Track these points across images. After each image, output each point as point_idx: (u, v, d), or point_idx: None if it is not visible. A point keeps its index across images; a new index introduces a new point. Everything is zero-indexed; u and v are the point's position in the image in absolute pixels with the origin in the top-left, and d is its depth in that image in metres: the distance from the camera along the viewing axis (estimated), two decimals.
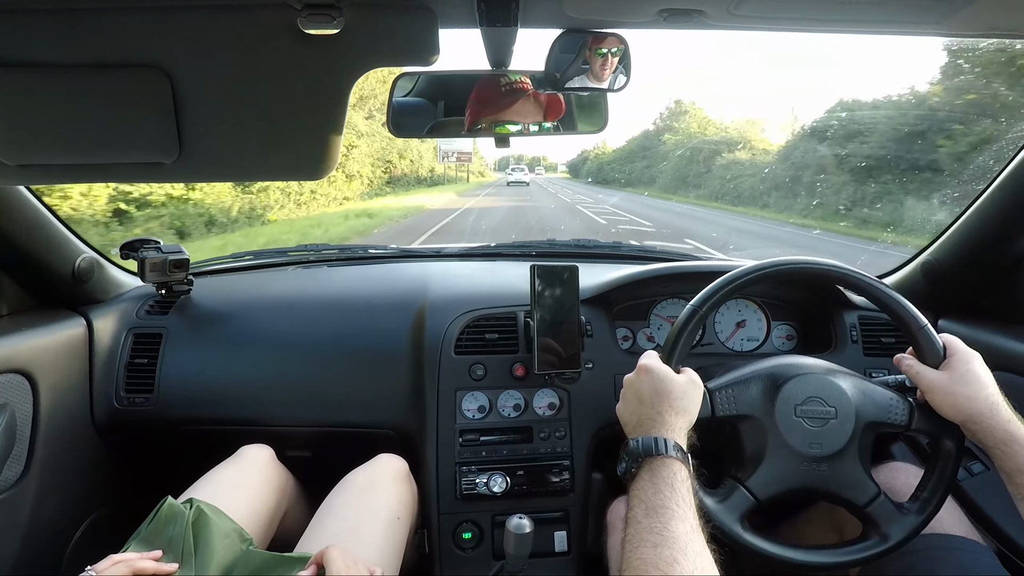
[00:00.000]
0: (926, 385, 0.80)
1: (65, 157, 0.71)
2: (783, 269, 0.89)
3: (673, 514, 0.64)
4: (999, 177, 1.06)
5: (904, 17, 0.67)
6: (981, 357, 0.80)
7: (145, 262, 1.20)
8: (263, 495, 0.99)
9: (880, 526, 0.82)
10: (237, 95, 0.69)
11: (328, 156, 0.73)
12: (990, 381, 0.77)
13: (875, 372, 1.14)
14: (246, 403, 1.21)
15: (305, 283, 1.44)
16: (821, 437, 0.82)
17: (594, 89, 0.83)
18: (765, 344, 1.29)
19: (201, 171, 0.76)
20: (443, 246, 1.69)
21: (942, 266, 1.21)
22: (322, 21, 0.64)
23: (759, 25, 0.72)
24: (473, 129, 0.90)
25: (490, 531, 1.10)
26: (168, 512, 0.84)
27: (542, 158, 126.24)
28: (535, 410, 1.14)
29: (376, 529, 0.92)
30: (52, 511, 1.10)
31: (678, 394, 0.78)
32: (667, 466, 0.69)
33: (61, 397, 1.11)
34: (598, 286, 1.21)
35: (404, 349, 1.20)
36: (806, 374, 0.85)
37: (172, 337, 1.23)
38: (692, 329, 0.86)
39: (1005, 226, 1.09)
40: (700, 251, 4.17)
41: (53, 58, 0.65)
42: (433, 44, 0.69)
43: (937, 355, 0.81)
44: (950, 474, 0.82)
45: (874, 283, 0.87)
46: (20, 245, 1.05)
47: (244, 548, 0.85)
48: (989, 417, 0.74)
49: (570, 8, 0.68)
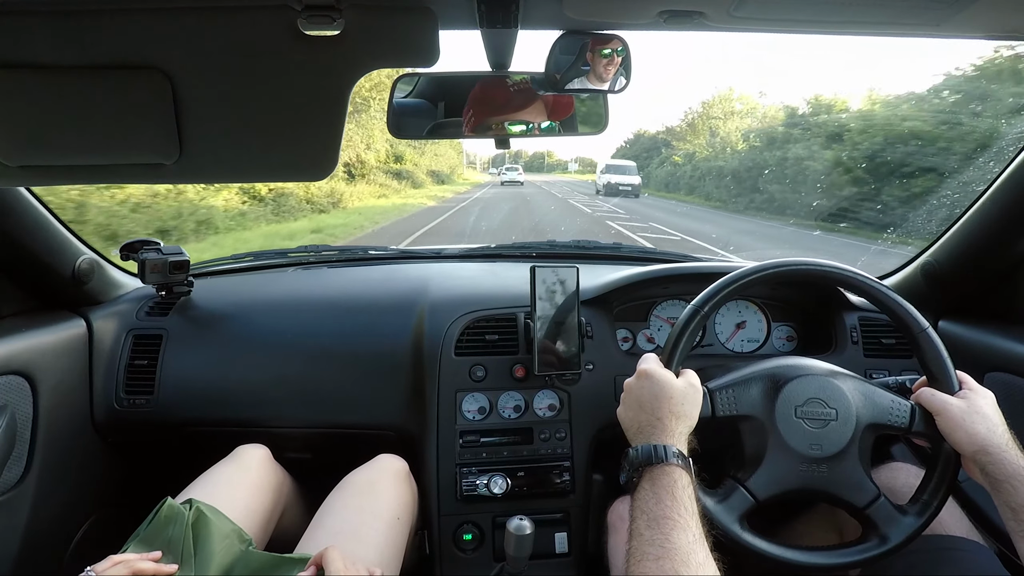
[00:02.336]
0: (943, 410, 0.80)
1: (65, 158, 0.71)
2: (783, 270, 0.89)
3: (675, 524, 0.64)
4: (999, 178, 1.06)
5: (903, 19, 0.67)
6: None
7: (145, 263, 1.20)
8: (259, 495, 0.99)
9: (880, 528, 0.81)
10: (237, 96, 0.69)
11: (328, 157, 0.73)
12: (1002, 419, 0.78)
13: (875, 373, 1.14)
14: (246, 404, 1.21)
15: (305, 284, 1.44)
16: (821, 438, 0.82)
17: (594, 90, 0.83)
18: (765, 345, 1.29)
19: (201, 172, 0.76)
20: (443, 247, 1.68)
21: (942, 267, 1.21)
22: (322, 22, 0.64)
23: (759, 27, 0.72)
24: (476, 130, 0.90)
25: (490, 532, 1.10)
26: (168, 512, 0.84)
27: (547, 154, 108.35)
28: (535, 411, 1.14)
29: (376, 530, 0.92)
30: (52, 512, 1.10)
31: (678, 399, 0.78)
32: (668, 474, 0.69)
33: (61, 398, 1.11)
34: (598, 287, 1.21)
35: (404, 350, 1.20)
36: (807, 375, 0.85)
37: (172, 338, 1.23)
38: (692, 331, 0.86)
39: (1005, 227, 1.09)
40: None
41: (53, 59, 0.65)
42: (433, 45, 0.69)
43: (946, 374, 0.83)
44: (951, 477, 0.82)
45: (874, 284, 0.87)
46: (20, 246, 1.05)
47: (243, 549, 0.85)
48: (1004, 450, 0.74)
49: (570, 9, 0.68)
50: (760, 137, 20.49)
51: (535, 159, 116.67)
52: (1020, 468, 0.73)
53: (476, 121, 0.89)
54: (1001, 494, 0.73)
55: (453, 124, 0.92)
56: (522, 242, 1.65)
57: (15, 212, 1.02)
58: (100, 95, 0.66)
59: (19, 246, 1.05)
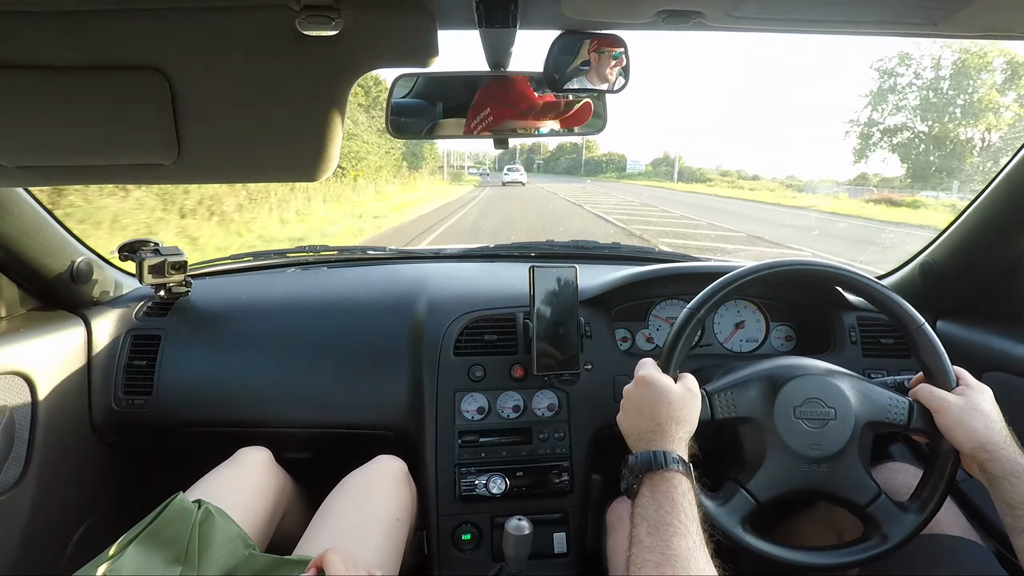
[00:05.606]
0: (941, 406, 0.80)
1: (64, 159, 0.70)
2: (780, 271, 0.89)
3: (675, 531, 0.64)
4: (997, 178, 1.06)
5: (901, 18, 0.68)
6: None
7: (144, 264, 1.20)
8: (261, 497, 0.99)
9: (881, 526, 0.82)
10: (236, 97, 0.69)
11: (327, 157, 0.73)
12: (1000, 416, 0.78)
13: (874, 373, 1.14)
14: (245, 405, 1.21)
15: (304, 284, 1.44)
16: (821, 438, 0.82)
17: (593, 90, 0.83)
18: (764, 345, 1.29)
19: (200, 173, 0.76)
20: (442, 247, 1.69)
21: (941, 267, 1.22)
22: (321, 22, 0.64)
23: (757, 26, 0.72)
24: (474, 131, 0.90)
25: (489, 532, 1.10)
26: (177, 508, 0.83)
27: (585, 145, 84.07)
28: (534, 411, 1.14)
29: (375, 531, 0.92)
30: (51, 513, 1.10)
31: (677, 404, 0.78)
32: (668, 480, 0.69)
33: (59, 399, 1.11)
34: (597, 287, 1.21)
35: (403, 350, 1.20)
36: (804, 375, 0.85)
37: (171, 339, 1.23)
38: (689, 335, 0.86)
39: (1004, 227, 1.09)
40: None
41: (52, 60, 0.65)
42: (432, 45, 0.69)
43: (943, 370, 0.83)
44: (950, 473, 0.82)
45: (871, 282, 0.87)
46: (19, 247, 1.05)
47: (247, 554, 0.85)
48: (1003, 447, 0.74)
49: (568, 9, 0.68)
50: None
51: (560, 152, 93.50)
52: (1018, 464, 0.73)
53: (495, 122, 0.89)
54: (999, 490, 0.73)
55: (452, 124, 0.92)
56: (521, 242, 1.66)
57: (13, 212, 1.02)
58: (99, 95, 0.66)
59: (17, 246, 1.05)
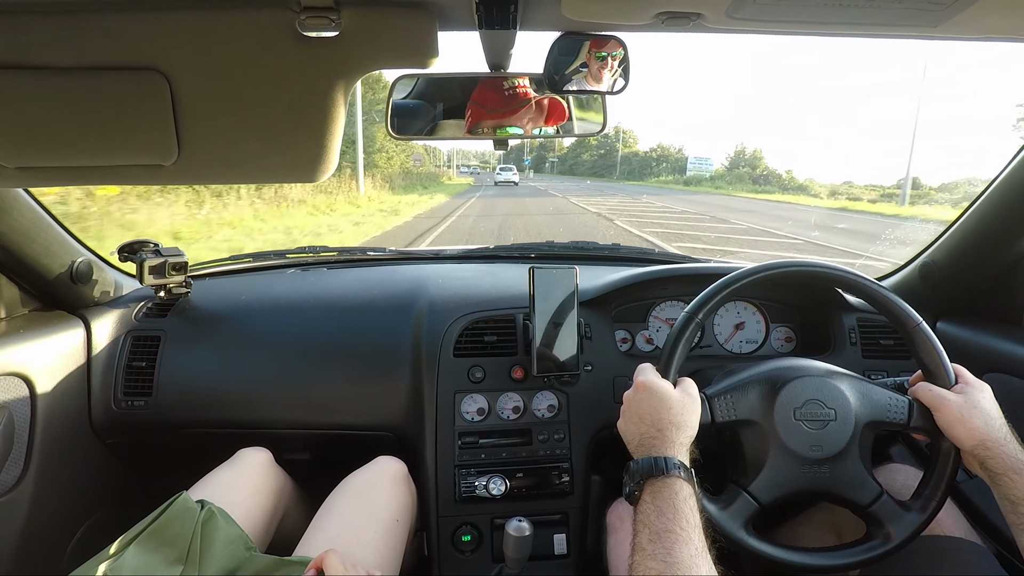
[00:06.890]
0: (941, 405, 0.80)
1: (64, 159, 0.70)
2: (779, 272, 0.89)
3: (677, 538, 0.64)
4: (997, 179, 1.06)
5: (901, 21, 0.68)
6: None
7: (144, 264, 1.20)
8: (261, 498, 0.99)
9: (884, 525, 0.82)
10: (236, 97, 0.69)
11: (327, 158, 0.74)
12: (999, 413, 0.78)
13: (874, 374, 1.14)
14: (245, 406, 1.21)
15: (304, 285, 1.44)
16: (822, 439, 0.82)
17: (593, 91, 0.83)
18: (764, 346, 1.29)
19: (200, 173, 0.76)
20: (442, 248, 1.69)
21: (940, 268, 1.22)
22: (321, 23, 0.64)
23: (757, 28, 0.72)
24: (474, 131, 0.90)
25: (489, 534, 1.10)
26: (180, 507, 0.83)
27: (621, 134, 74.53)
28: (534, 412, 1.14)
29: (375, 532, 0.92)
30: (50, 514, 1.10)
31: (677, 408, 0.77)
32: (669, 486, 0.69)
33: (59, 400, 1.11)
34: (597, 288, 1.21)
35: (403, 351, 1.20)
36: (804, 376, 0.85)
37: (170, 340, 1.23)
38: (688, 337, 0.86)
39: (1003, 228, 1.09)
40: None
41: (52, 60, 0.65)
42: (432, 46, 0.69)
43: (942, 368, 0.83)
44: (951, 471, 0.82)
45: (869, 283, 0.87)
46: (18, 247, 1.05)
47: (248, 555, 0.85)
48: (1003, 444, 0.74)
49: (568, 11, 0.68)
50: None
51: (581, 148, 75.01)
52: (1019, 461, 0.73)
53: (477, 122, 0.89)
54: (1000, 487, 0.73)
55: (452, 125, 0.92)
56: (521, 243, 1.66)
57: (13, 213, 1.02)
58: (99, 96, 0.66)
59: (17, 247, 1.05)
